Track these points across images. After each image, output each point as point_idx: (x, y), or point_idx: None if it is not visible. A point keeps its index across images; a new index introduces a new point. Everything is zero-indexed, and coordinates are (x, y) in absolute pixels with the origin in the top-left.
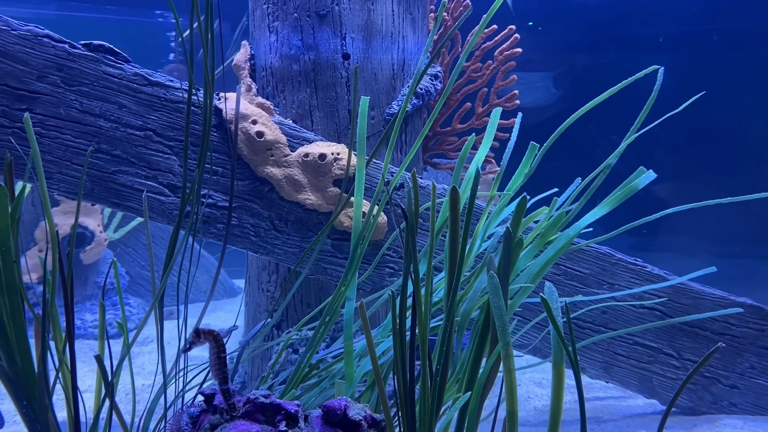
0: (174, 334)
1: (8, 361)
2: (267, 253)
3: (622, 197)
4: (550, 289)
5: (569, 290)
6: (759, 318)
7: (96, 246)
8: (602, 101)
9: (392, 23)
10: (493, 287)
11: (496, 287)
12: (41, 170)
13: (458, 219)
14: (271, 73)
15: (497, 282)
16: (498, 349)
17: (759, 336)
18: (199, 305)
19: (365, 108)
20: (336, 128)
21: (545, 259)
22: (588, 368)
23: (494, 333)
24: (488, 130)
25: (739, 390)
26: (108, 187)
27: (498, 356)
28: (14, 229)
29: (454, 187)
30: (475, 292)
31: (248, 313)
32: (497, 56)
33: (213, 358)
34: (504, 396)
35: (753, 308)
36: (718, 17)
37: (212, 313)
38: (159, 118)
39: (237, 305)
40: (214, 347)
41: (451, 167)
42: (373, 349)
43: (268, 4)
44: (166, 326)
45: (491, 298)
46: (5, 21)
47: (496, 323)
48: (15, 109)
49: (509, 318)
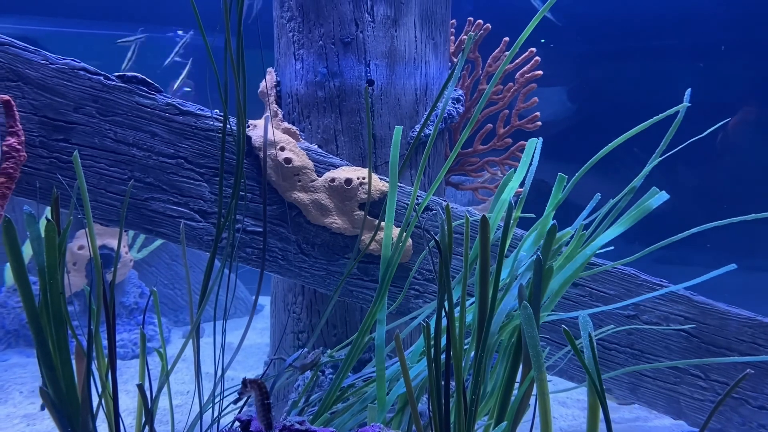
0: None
1: (54, 388)
2: (294, 276)
3: (638, 216)
4: (585, 320)
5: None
6: None
7: (122, 267)
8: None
9: (415, 49)
10: (527, 317)
11: (530, 317)
12: (88, 205)
13: (488, 249)
14: (297, 99)
15: (530, 312)
16: (531, 375)
17: None
18: (219, 323)
19: (398, 138)
20: (361, 152)
21: (563, 279)
22: (614, 389)
23: (526, 358)
24: (523, 159)
25: None
26: (141, 214)
27: (530, 383)
28: (60, 261)
29: (484, 217)
30: (500, 315)
31: (274, 333)
32: (518, 78)
33: (258, 405)
34: (538, 420)
35: None
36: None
37: (236, 330)
38: (190, 146)
39: (260, 322)
40: (258, 396)
41: (473, 187)
42: (408, 376)
43: (293, 32)
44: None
45: (525, 328)
46: (44, 55)
47: (530, 353)
48: (53, 140)
49: None
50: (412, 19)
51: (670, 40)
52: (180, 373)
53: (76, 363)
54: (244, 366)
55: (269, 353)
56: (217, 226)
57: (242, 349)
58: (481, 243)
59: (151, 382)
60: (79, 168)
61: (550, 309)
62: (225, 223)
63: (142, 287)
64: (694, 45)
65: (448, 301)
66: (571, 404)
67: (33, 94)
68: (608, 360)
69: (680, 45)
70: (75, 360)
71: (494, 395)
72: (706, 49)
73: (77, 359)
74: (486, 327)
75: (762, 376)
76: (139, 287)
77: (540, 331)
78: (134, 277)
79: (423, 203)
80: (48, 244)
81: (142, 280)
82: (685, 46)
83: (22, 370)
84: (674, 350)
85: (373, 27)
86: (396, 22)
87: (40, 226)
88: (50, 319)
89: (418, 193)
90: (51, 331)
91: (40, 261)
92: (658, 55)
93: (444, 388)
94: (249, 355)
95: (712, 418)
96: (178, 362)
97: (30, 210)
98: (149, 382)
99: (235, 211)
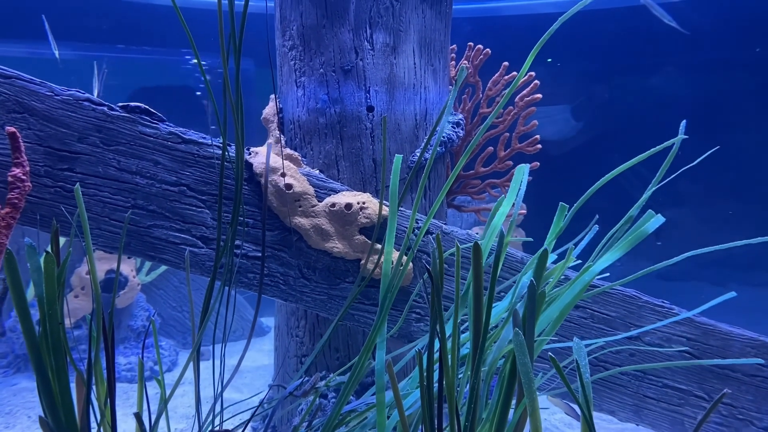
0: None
1: (53, 417)
2: (296, 300)
3: (634, 242)
4: (579, 346)
5: (596, 333)
6: None
7: (129, 290)
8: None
9: (414, 75)
10: (518, 344)
11: (521, 344)
12: (88, 235)
13: (481, 276)
14: (299, 125)
15: (522, 339)
16: (524, 403)
17: None
18: (230, 344)
19: (398, 165)
20: (361, 177)
21: (562, 306)
22: (618, 411)
23: (520, 384)
24: (512, 185)
25: None
26: (144, 241)
27: (525, 408)
28: (60, 292)
29: (476, 243)
30: (503, 341)
31: (277, 357)
32: (518, 102)
33: None
34: None
35: None
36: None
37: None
38: (192, 173)
39: (265, 344)
40: None
41: (476, 209)
42: (401, 405)
43: (295, 61)
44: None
45: (517, 355)
46: (49, 87)
47: (522, 380)
48: (57, 169)
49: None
50: (411, 46)
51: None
52: (187, 396)
53: (77, 390)
54: (251, 388)
55: (273, 377)
56: (216, 252)
57: (250, 372)
58: (473, 269)
59: (150, 407)
60: (80, 198)
61: (551, 334)
62: (225, 250)
63: (150, 310)
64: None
65: (440, 329)
66: (577, 426)
67: (38, 125)
68: (611, 382)
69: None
70: (75, 387)
71: (489, 421)
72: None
73: (78, 386)
74: (479, 353)
75: (767, 397)
76: (147, 310)
77: (543, 355)
78: (142, 300)
79: (423, 227)
80: (47, 276)
81: (151, 303)
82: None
83: (30, 394)
84: (677, 371)
85: (372, 55)
86: (395, 49)
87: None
88: (49, 349)
89: (419, 216)
90: (50, 361)
91: (39, 292)
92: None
93: (437, 416)
94: (257, 377)
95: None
96: (186, 385)
97: (30, 242)
98: (148, 407)
99: (233, 237)
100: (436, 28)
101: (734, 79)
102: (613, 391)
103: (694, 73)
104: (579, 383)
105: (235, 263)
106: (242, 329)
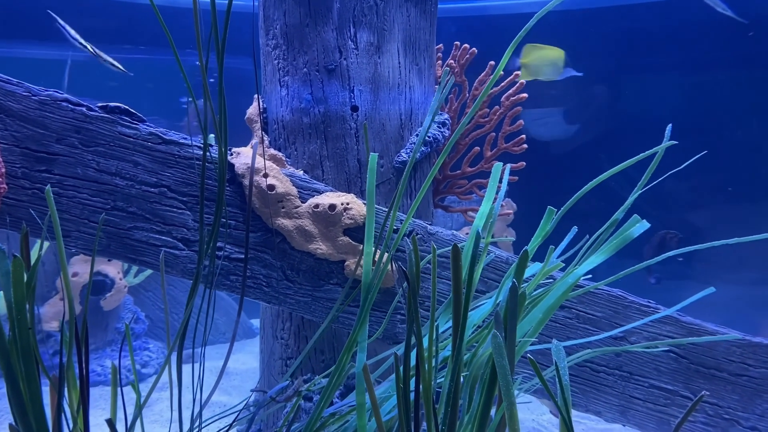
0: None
1: (23, 424)
2: (279, 302)
3: (618, 245)
4: (558, 348)
5: (582, 333)
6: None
7: (116, 293)
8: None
9: (399, 75)
10: (496, 346)
11: (500, 346)
12: (60, 237)
13: (461, 277)
14: (283, 126)
15: (500, 341)
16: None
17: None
18: (219, 346)
19: (374, 164)
20: (346, 177)
21: (546, 307)
22: (604, 412)
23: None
24: (490, 184)
25: (759, 431)
26: (124, 243)
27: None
28: (30, 297)
29: (455, 246)
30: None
31: (263, 360)
32: (504, 102)
33: None
34: None
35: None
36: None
37: (231, 354)
38: (173, 174)
39: (255, 346)
40: None
41: (462, 210)
42: (377, 410)
43: (278, 60)
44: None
45: (495, 357)
46: (27, 87)
47: (500, 383)
48: (35, 171)
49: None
50: (395, 45)
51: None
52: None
53: (50, 396)
54: (240, 391)
55: (258, 378)
56: (199, 254)
57: (239, 374)
58: (453, 271)
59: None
60: (51, 199)
61: (533, 336)
62: (207, 251)
63: (138, 312)
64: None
65: (416, 331)
66: None
67: (15, 126)
68: (597, 382)
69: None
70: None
71: (470, 424)
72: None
73: (51, 393)
74: (458, 355)
75: (752, 396)
76: (134, 312)
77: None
78: (130, 302)
79: (403, 227)
80: (15, 280)
81: (139, 305)
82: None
83: None
84: (664, 371)
85: (356, 54)
86: (379, 48)
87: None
88: (19, 354)
89: (402, 216)
90: (20, 367)
91: (8, 296)
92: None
93: (414, 420)
94: (245, 379)
95: None
96: (175, 389)
97: (1, 245)
98: (125, 413)
99: (215, 238)
100: (421, 26)
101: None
102: (599, 391)
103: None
104: (558, 385)
105: (217, 265)
106: (232, 331)
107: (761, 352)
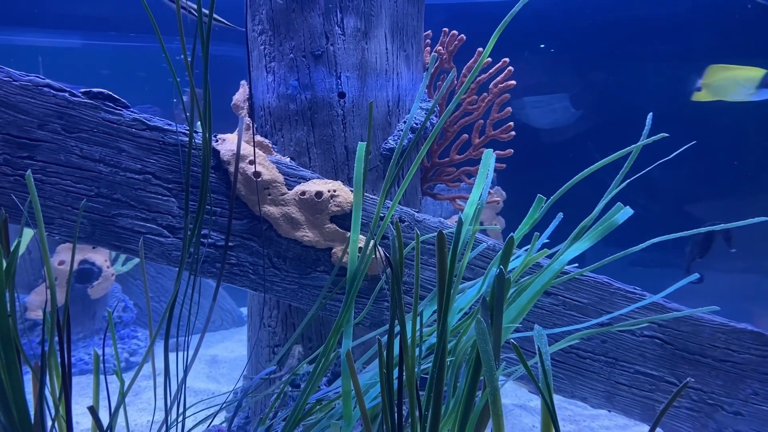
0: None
1: (5, 412)
2: (266, 290)
3: (603, 232)
4: (540, 334)
5: (568, 320)
6: (760, 344)
7: (104, 281)
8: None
9: (386, 61)
10: (480, 332)
11: (483, 332)
12: (41, 223)
13: (446, 265)
14: (269, 112)
15: (484, 327)
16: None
17: (761, 362)
18: (208, 334)
19: (362, 152)
20: (333, 164)
21: (532, 294)
22: (590, 398)
23: None
24: (480, 171)
25: (743, 417)
26: (108, 230)
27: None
28: (9, 284)
29: (440, 233)
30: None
31: (251, 348)
32: (492, 89)
33: None
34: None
35: (754, 334)
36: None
37: (221, 343)
38: (157, 161)
39: (245, 334)
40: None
41: (450, 197)
42: (360, 396)
43: (264, 45)
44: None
45: (479, 343)
46: (7, 72)
47: (484, 368)
48: (17, 157)
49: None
50: (382, 31)
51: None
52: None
53: (33, 385)
54: (228, 379)
55: (246, 367)
56: (183, 241)
57: (228, 362)
58: (438, 259)
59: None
60: (32, 185)
61: (517, 322)
62: (192, 239)
63: (126, 301)
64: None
65: (399, 317)
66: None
67: None
68: (583, 368)
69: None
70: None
71: (455, 410)
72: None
73: (34, 380)
74: (443, 341)
75: (736, 382)
76: (122, 301)
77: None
78: (117, 290)
79: (388, 214)
80: None
81: (127, 293)
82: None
83: None
84: (649, 357)
85: (343, 40)
86: (366, 34)
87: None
88: None
89: (389, 204)
90: (0, 355)
91: None
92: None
93: (397, 406)
94: (234, 368)
95: (661, 418)
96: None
97: None
98: (108, 400)
99: (200, 226)
100: (409, 12)
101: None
102: (586, 377)
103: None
104: (540, 369)
105: (202, 252)
106: (221, 319)
107: (745, 338)
